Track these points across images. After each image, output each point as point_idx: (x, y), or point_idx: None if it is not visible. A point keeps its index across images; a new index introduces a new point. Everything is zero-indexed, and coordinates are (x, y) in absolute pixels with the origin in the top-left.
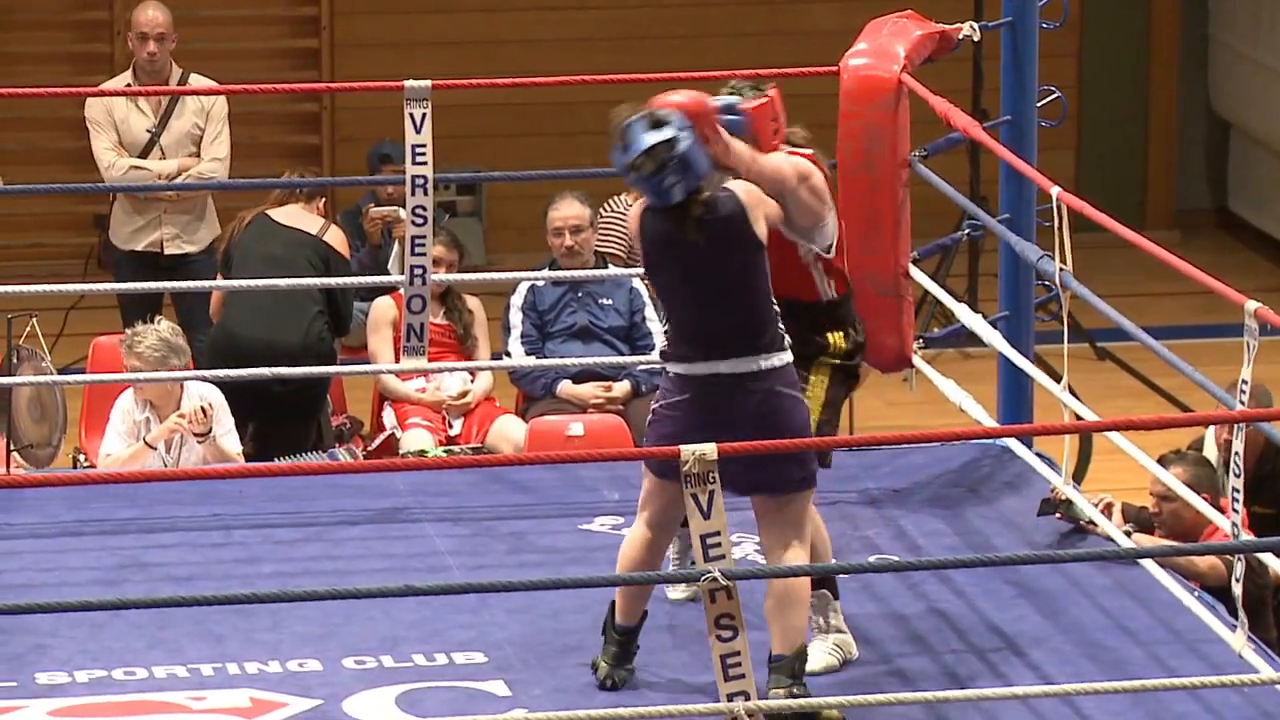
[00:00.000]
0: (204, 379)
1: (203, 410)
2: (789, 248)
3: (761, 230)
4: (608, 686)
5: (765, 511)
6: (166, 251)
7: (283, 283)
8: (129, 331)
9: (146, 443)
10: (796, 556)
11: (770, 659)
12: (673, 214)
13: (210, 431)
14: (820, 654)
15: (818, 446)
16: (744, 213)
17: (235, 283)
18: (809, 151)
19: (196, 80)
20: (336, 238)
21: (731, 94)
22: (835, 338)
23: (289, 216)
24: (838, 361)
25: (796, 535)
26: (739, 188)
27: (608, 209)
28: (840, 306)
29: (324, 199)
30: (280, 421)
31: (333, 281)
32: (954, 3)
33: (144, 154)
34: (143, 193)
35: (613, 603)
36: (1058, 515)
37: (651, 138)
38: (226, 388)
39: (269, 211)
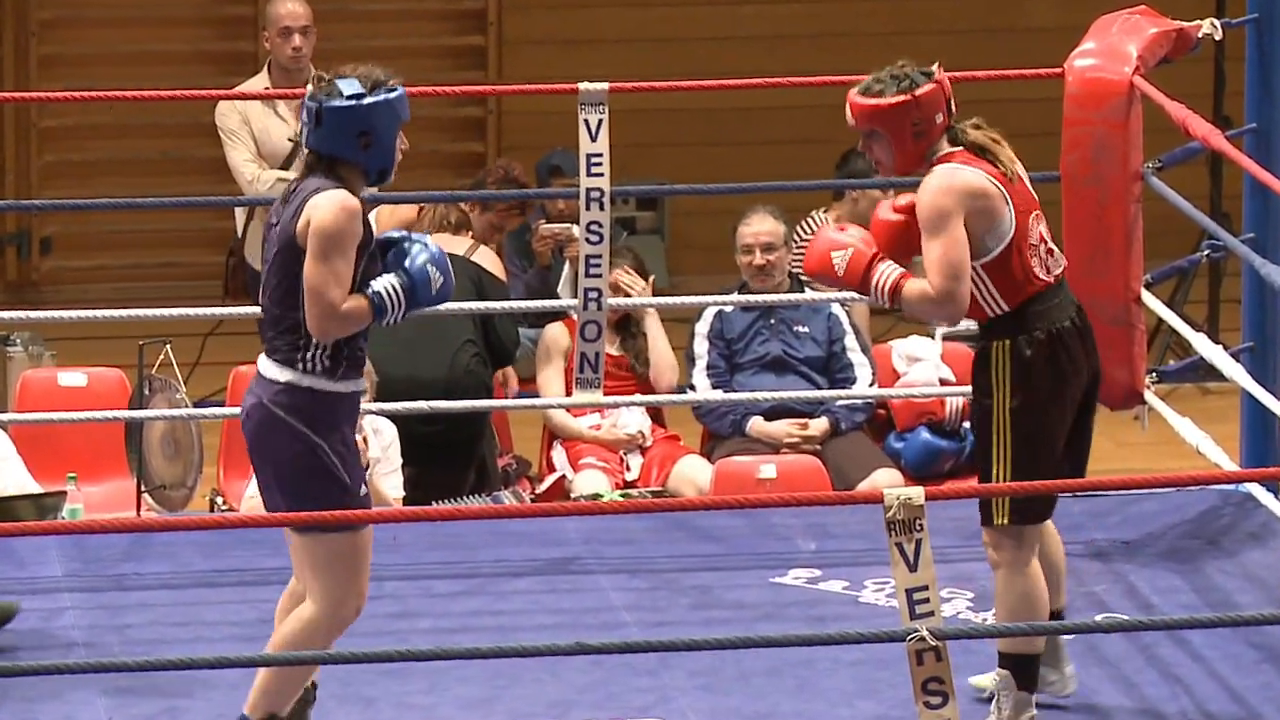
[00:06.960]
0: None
1: (363, 439)
2: None
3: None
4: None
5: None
6: None
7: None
8: None
9: None
10: (306, 611)
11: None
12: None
13: (368, 467)
14: None
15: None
16: (297, 222)
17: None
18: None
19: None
20: (487, 258)
21: (895, 79)
22: (999, 345)
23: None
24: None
25: (316, 583)
26: (335, 197)
27: (806, 226)
28: (1012, 318)
29: (471, 231)
30: (431, 466)
31: (495, 306)
32: None
33: (285, 165)
34: None
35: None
36: None
37: (352, 87)
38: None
39: None
